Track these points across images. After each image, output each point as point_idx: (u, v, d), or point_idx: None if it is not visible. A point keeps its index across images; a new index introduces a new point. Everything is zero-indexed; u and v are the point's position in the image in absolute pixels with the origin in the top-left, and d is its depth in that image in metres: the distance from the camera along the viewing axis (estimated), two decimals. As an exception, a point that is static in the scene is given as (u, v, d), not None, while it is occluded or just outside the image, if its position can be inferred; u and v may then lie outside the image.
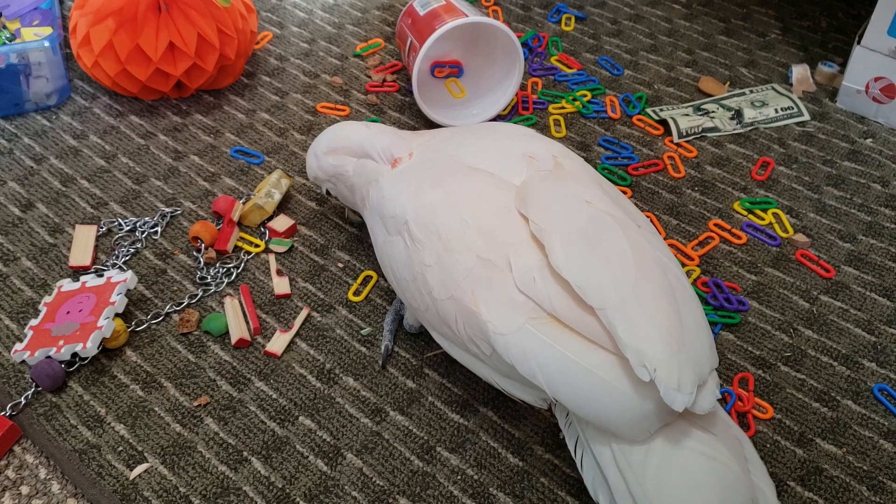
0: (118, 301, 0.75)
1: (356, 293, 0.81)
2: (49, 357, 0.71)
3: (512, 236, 0.61)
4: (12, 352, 0.73)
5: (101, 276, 0.78)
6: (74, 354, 0.72)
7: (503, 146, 0.70)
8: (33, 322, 0.75)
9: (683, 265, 0.84)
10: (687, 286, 0.61)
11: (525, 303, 0.59)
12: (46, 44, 0.95)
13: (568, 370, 0.56)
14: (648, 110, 1.04)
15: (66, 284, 0.78)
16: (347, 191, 0.80)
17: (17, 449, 0.71)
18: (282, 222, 0.86)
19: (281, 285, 0.80)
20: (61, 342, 0.72)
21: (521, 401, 0.64)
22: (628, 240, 0.60)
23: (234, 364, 0.75)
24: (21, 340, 0.74)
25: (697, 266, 0.84)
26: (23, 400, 0.70)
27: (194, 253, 0.83)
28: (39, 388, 0.71)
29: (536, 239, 0.61)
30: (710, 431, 0.57)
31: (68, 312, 0.75)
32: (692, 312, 0.59)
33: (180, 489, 0.66)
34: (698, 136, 1.01)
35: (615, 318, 0.55)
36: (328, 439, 0.69)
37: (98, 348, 0.72)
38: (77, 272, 0.81)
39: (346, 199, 0.81)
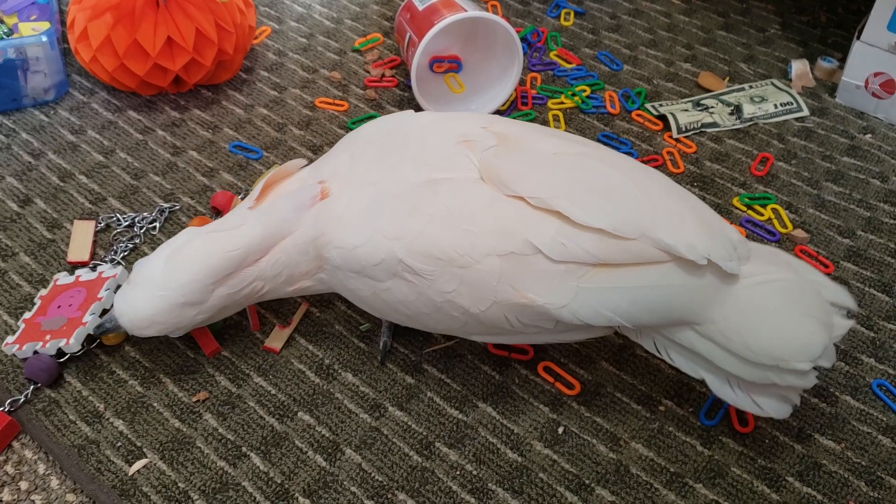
0: (105, 296, 0.74)
1: (355, 289, 0.81)
2: (36, 352, 0.71)
3: (515, 222, 0.61)
4: (3, 344, 0.73)
5: (94, 270, 0.78)
6: (59, 350, 0.72)
7: (431, 144, 0.66)
8: (26, 315, 0.75)
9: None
10: (665, 176, 0.67)
11: (567, 268, 0.61)
12: (44, 39, 0.95)
13: (637, 299, 0.61)
14: (647, 105, 1.04)
15: (62, 278, 0.78)
16: (257, 292, 0.67)
17: (15, 444, 0.71)
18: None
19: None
20: (48, 337, 0.72)
21: (579, 341, 0.72)
22: (611, 166, 0.64)
23: (233, 360, 0.75)
24: (14, 333, 0.74)
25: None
26: (23, 398, 0.70)
27: (193, 248, 0.83)
28: (38, 384, 0.71)
29: (537, 211, 0.61)
30: (751, 262, 0.63)
31: (59, 307, 0.75)
32: (688, 194, 0.66)
33: (179, 485, 0.66)
34: (697, 131, 1.00)
35: (657, 235, 0.60)
36: (327, 435, 0.69)
37: (82, 346, 0.72)
38: (75, 267, 0.81)
39: (234, 306, 0.69)
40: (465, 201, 0.63)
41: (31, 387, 0.71)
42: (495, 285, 0.61)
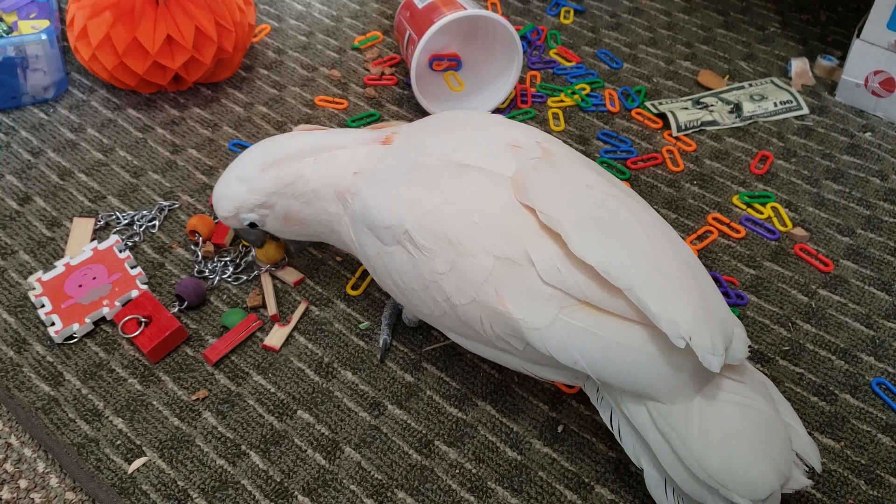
0: (130, 255, 0.81)
1: (354, 287, 0.81)
2: (191, 276, 0.79)
3: (523, 230, 0.61)
4: (54, 332, 0.74)
5: (82, 252, 0.81)
6: (129, 299, 0.77)
7: (483, 137, 0.67)
8: (46, 308, 0.76)
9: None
10: (692, 254, 0.64)
11: (553, 294, 0.59)
12: (44, 37, 0.95)
13: (609, 351, 0.58)
14: (647, 104, 1.04)
15: (45, 275, 0.79)
16: (302, 205, 0.71)
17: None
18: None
19: (291, 274, 0.81)
20: (105, 302, 0.76)
21: (550, 382, 0.67)
22: (636, 217, 0.61)
23: (233, 358, 0.75)
24: (47, 326, 0.75)
25: (696, 260, 0.84)
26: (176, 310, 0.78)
27: (192, 247, 0.83)
28: (186, 305, 0.77)
29: (547, 229, 0.60)
30: (740, 380, 0.60)
31: (80, 286, 0.78)
32: (705, 278, 0.62)
33: (178, 483, 0.66)
34: (697, 129, 1.00)
35: (644, 296, 0.57)
36: (326, 433, 0.69)
37: (145, 284, 0.79)
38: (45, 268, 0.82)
39: (295, 221, 0.72)
40: (483, 193, 0.63)
41: (181, 305, 0.78)
42: (481, 283, 0.61)
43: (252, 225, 0.73)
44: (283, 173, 0.70)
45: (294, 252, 0.82)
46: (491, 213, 0.62)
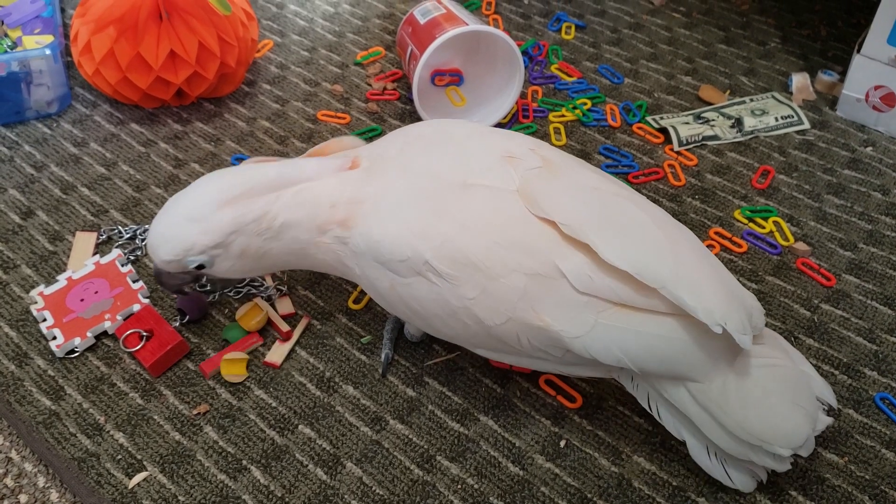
0: (132, 269, 0.81)
1: (356, 301, 0.81)
2: (195, 291, 0.79)
3: (546, 243, 0.61)
4: (55, 346, 0.74)
5: (84, 266, 0.81)
6: (130, 313, 0.77)
7: (474, 151, 0.66)
8: (48, 322, 0.76)
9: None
10: (698, 239, 0.66)
11: (589, 301, 0.60)
12: (48, 52, 0.95)
13: (650, 346, 0.61)
14: (648, 118, 1.04)
15: (47, 289, 0.79)
16: (265, 241, 0.66)
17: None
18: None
19: (286, 306, 0.80)
20: (107, 316, 0.76)
21: (582, 378, 0.71)
22: (646, 213, 0.63)
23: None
24: (49, 340, 0.75)
25: (698, 274, 0.84)
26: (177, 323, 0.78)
27: (194, 261, 0.83)
28: (187, 319, 0.77)
29: (567, 238, 0.61)
30: (759, 342, 0.64)
31: (82, 300, 0.78)
32: (716, 260, 0.65)
33: (179, 498, 0.65)
34: (698, 144, 1.01)
35: (678, 291, 0.59)
36: (328, 448, 0.69)
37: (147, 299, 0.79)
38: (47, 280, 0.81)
39: (253, 257, 0.67)
40: (495, 211, 0.63)
41: (182, 320, 0.78)
42: (516, 302, 0.61)
43: (199, 267, 0.67)
44: (244, 211, 0.65)
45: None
46: (509, 232, 0.62)
